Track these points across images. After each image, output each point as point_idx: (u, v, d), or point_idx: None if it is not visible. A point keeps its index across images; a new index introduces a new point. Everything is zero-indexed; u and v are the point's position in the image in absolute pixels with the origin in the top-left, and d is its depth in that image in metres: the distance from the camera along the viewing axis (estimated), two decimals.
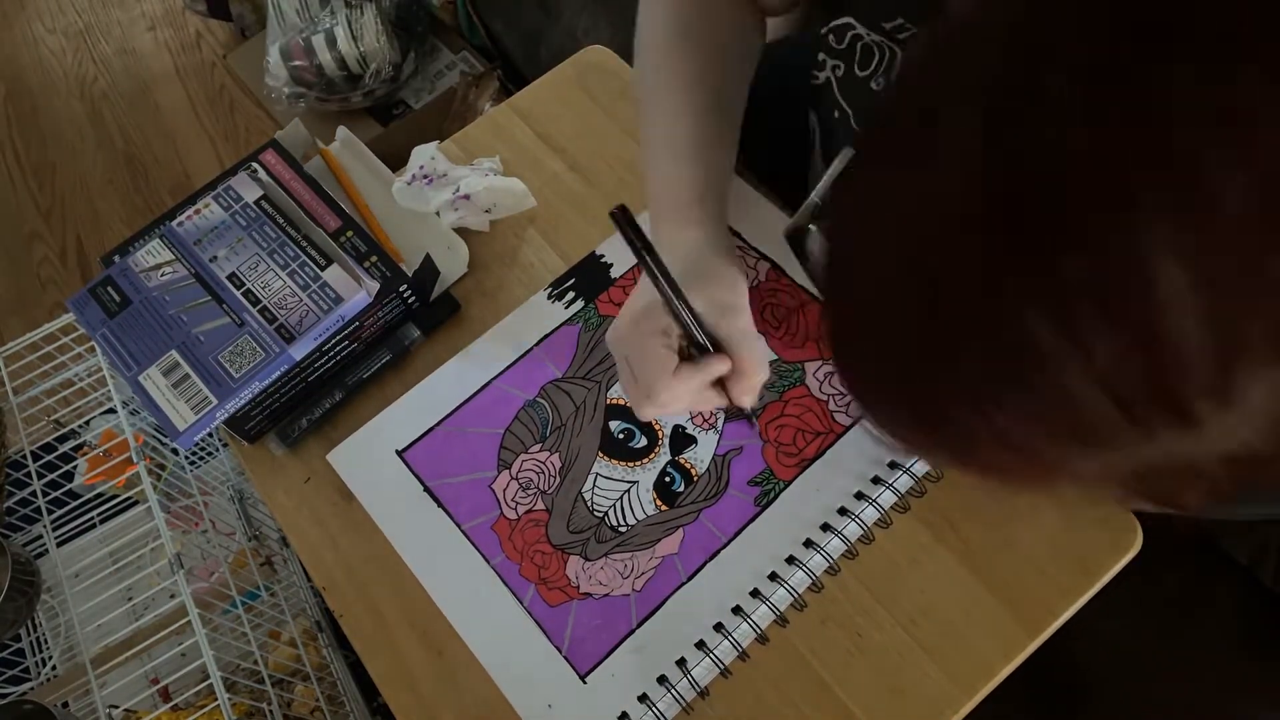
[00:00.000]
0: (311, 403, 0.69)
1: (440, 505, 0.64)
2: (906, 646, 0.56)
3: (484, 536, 0.63)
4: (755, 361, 0.58)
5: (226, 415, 0.66)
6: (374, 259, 0.69)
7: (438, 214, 0.74)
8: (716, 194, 0.63)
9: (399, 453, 0.66)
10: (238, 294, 0.68)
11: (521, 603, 0.60)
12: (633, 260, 0.70)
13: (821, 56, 0.71)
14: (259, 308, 0.67)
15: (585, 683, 0.58)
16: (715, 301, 0.58)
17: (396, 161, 0.80)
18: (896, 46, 0.64)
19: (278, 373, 0.66)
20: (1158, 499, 0.31)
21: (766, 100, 0.73)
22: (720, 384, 0.58)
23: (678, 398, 0.57)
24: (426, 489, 0.65)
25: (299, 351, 0.66)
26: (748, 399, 0.59)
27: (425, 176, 0.75)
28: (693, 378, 0.56)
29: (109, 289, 0.70)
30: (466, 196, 0.73)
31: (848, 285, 0.31)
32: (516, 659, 0.59)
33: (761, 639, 0.58)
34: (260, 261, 0.69)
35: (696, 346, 0.57)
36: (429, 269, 0.71)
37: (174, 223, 0.72)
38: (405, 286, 0.69)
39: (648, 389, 0.57)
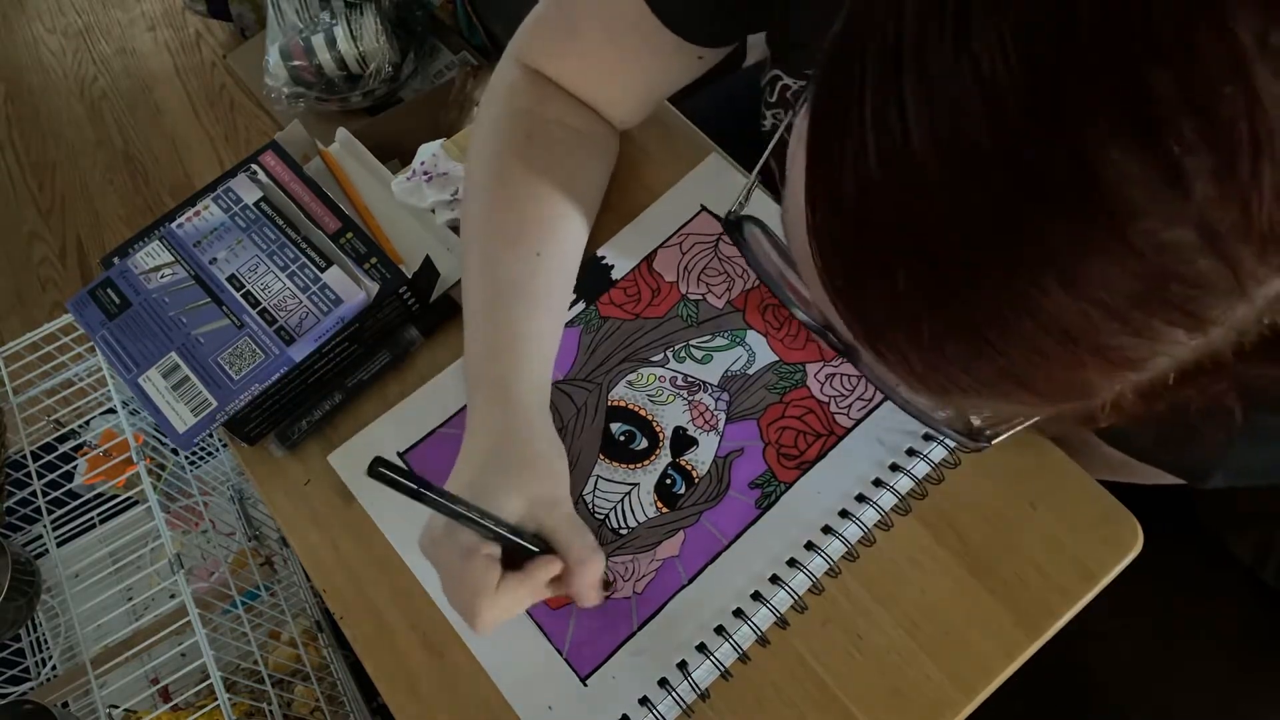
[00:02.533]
0: (311, 404, 0.69)
1: None
2: (907, 648, 0.56)
3: None
4: (584, 554, 0.54)
5: (226, 417, 0.66)
6: (374, 260, 0.69)
7: (433, 210, 0.74)
8: (533, 368, 0.60)
9: (401, 455, 0.66)
10: (237, 296, 0.68)
11: None
12: (635, 260, 0.70)
13: (762, 108, 0.70)
14: (258, 309, 0.67)
15: (586, 685, 0.58)
16: (533, 497, 0.54)
17: (390, 151, 0.79)
18: None
19: (277, 374, 0.66)
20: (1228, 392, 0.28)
21: (723, 137, 0.73)
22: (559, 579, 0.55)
23: (507, 610, 0.52)
24: None
25: (299, 353, 0.66)
26: (589, 597, 0.55)
27: (425, 173, 0.75)
28: (520, 588, 0.52)
29: (109, 291, 0.70)
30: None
31: (858, 193, 0.27)
32: (517, 661, 0.59)
33: (762, 641, 0.58)
34: (260, 263, 0.69)
35: (518, 552, 0.53)
36: (429, 270, 0.70)
37: (174, 224, 0.72)
38: (405, 288, 0.69)
39: (471, 611, 0.51)
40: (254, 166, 0.74)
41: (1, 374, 0.94)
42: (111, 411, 1.00)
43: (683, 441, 0.64)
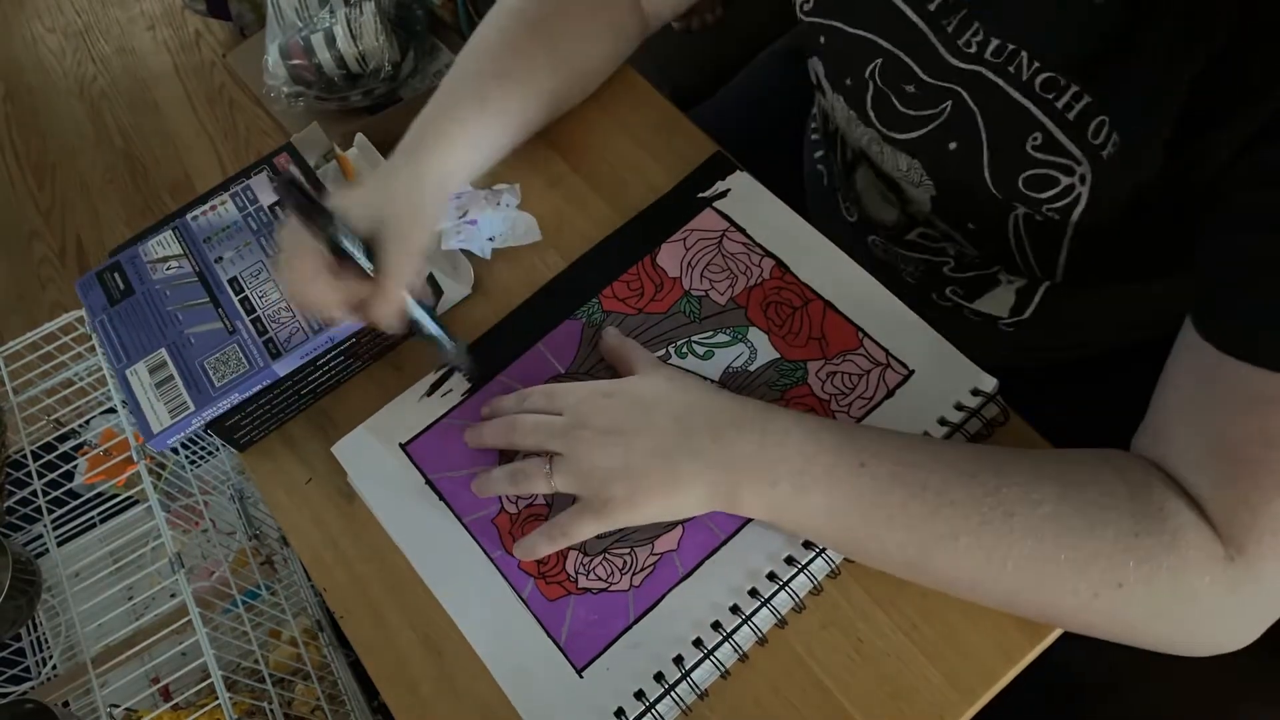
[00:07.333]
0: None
1: (442, 498, 0.64)
2: (907, 652, 0.56)
3: (485, 530, 0.63)
4: (392, 281, 0.58)
5: (202, 423, 0.65)
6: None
7: (440, 234, 0.73)
8: (453, 151, 0.65)
9: (402, 446, 0.66)
10: (235, 300, 0.68)
11: (520, 596, 0.60)
12: (635, 257, 0.70)
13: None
14: (252, 317, 0.67)
15: (582, 677, 0.58)
16: (386, 216, 0.59)
17: (390, 150, 0.79)
18: None
19: (258, 387, 0.65)
20: None
21: (746, 142, 0.74)
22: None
23: (310, 290, 0.59)
24: (429, 482, 0.65)
25: (283, 368, 0.65)
26: (381, 319, 0.60)
27: None
28: (333, 283, 0.58)
29: (115, 275, 0.70)
30: (474, 221, 0.72)
31: None
32: (514, 652, 0.59)
33: (761, 640, 0.58)
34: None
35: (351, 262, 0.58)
36: (432, 288, 0.70)
37: (189, 217, 0.71)
38: None
39: (285, 275, 0.60)
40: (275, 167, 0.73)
41: (1, 373, 0.94)
42: (111, 411, 1.00)
43: None
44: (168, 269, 0.69)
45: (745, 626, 0.57)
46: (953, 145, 0.61)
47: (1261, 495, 0.46)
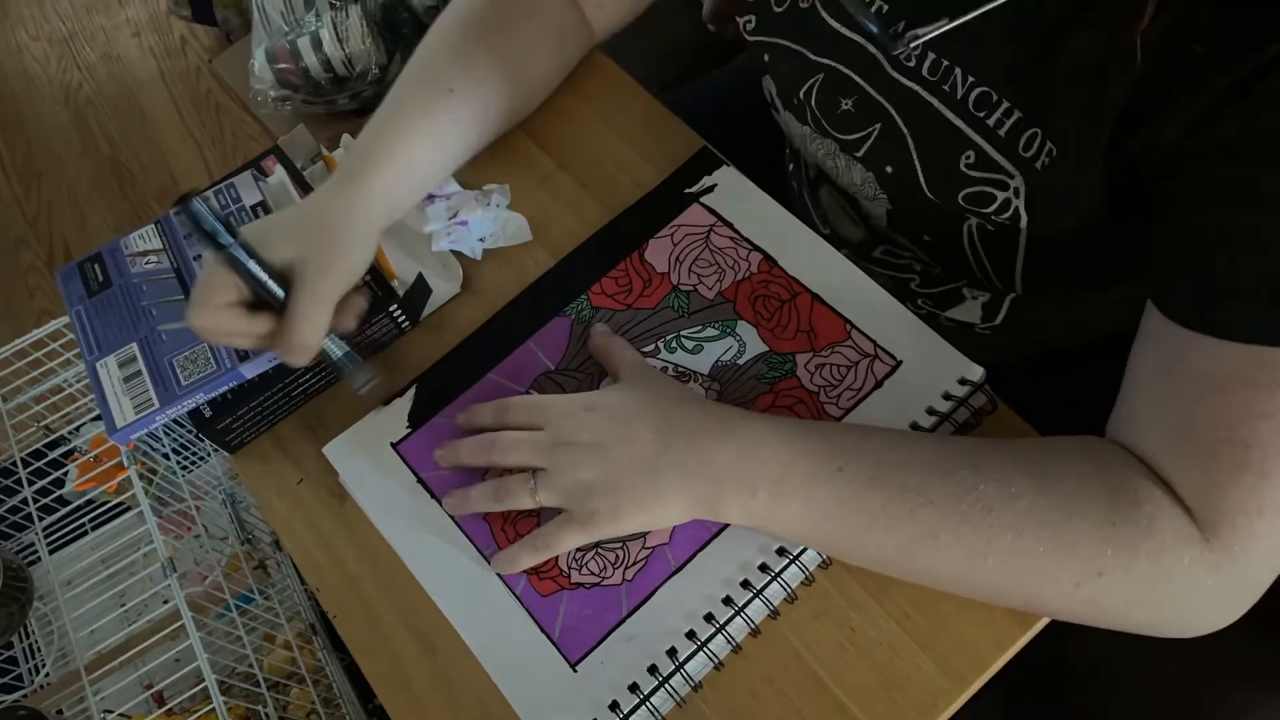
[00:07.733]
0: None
1: (434, 496, 0.64)
2: (900, 641, 0.56)
3: (477, 527, 0.63)
4: (296, 321, 0.58)
5: (165, 419, 0.65)
6: (366, 276, 0.67)
7: (431, 235, 0.73)
8: (387, 180, 0.64)
9: (393, 445, 0.66)
10: None
11: (513, 592, 0.60)
12: (627, 251, 0.70)
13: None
14: None
15: (576, 671, 0.58)
16: (306, 254, 0.59)
17: None
18: None
19: (224, 388, 0.65)
20: None
21: (709, 135, 0.74)
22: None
23: (216, 325, 0.59)
24: (420, 480, 0.65)
25: (250, 370, 0.65)
26: (285, 356, 0.60)
27: (430, 196, 0.74)
28: (236, 318, 0.58)
29: (95, 266, 0.70)
30: (464, 223, 0.72)
31: None
32: (508, 648, 0.59)
33: (754, 632, 0.58)
34: None
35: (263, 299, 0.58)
36: (421, 288, 0.70)
37: (171, 211, 0.71)
38: (396, 306, 0.68)
39: (193, 303, 0.59)
40: (261, 170, 0.73)
41: None
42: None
43: None
44: (146, 263, 0.69)
45: (738, 618, 0.57)
46: (889, 169, 0.62)
47: (1231, 477, 0.46)
